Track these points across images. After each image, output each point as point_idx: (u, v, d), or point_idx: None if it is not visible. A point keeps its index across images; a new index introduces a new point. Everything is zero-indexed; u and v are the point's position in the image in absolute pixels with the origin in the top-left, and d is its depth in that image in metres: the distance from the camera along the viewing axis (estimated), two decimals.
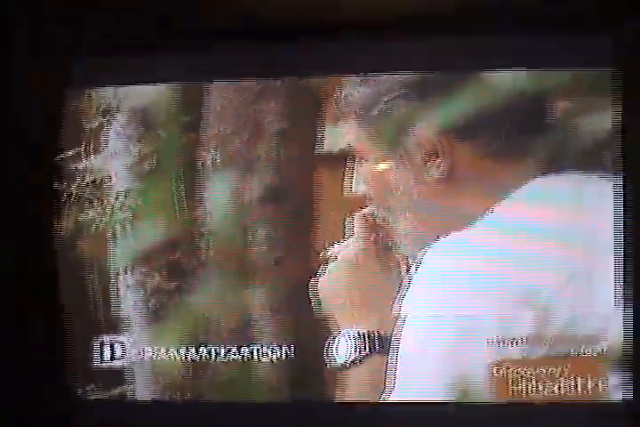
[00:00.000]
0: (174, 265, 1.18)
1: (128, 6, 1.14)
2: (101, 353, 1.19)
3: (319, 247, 1.16)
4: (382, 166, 1.14)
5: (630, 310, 1.07)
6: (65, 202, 1.19)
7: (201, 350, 1.17)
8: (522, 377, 1.10)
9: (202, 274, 1.18)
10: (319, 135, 1.16)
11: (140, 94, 1.19)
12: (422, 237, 1.12)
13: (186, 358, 1.18)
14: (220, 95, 1.18)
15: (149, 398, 1.19)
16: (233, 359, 1.17)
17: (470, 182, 1.12)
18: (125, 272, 1.19)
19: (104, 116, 1.19)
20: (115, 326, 1.19)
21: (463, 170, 1.12)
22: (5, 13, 1.17)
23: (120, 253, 1.19)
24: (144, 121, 1.19)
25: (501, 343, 1.09)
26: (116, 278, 1.19)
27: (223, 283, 1.17)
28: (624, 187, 1.08)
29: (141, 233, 1.18)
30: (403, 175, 1.13)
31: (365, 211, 1.15)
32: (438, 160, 1.11)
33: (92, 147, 1.19)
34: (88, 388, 1.19)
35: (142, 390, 1.19)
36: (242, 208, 1.17)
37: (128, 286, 1.19)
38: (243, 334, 1.17)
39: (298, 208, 1.17)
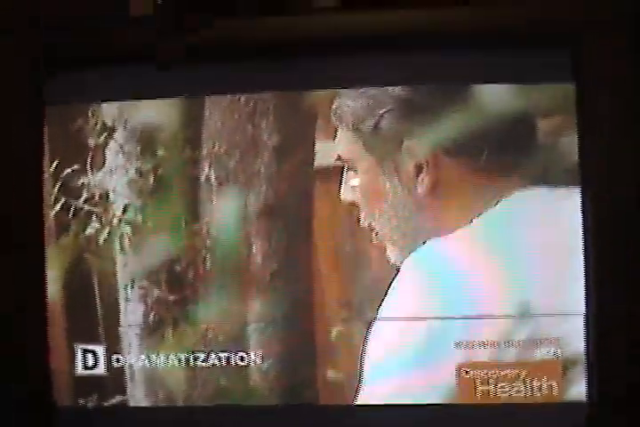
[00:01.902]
0: (175, 279, 1.21)
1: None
2: (96, 361, 1.23)
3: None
4: (371, 176, 1.18)
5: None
6: (69, 217, 1.22)
7: (196, 356, 1.21)
8: (489, 379, 1.15)
9: (202, 287, 1.21)
10: (314, 150, 1.20)
11: (139, 110, 1.21)
12: (408, 247, 1.17)
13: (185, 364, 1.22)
14: (216, 111, 1.20)
15: (146, 406, 1.22)
16: (226, 366, 1.21)
17: (456, 196, 1.17)
18: (127, 287, 1.22)
19: (103, 133, 1.22)
20: (113, 336, 1.22)
21: (450, 184, 1.16)
22: None
23: (121, 269, 1.22)
24: (142, 137, 1.21)
25: (469, 347, 1.14)
26: (118, 292, 1.22)
27: (222, 295, 1.21)
28: (583, 202, 1.12)
29: (143, 248, 1.22)
30: (391, 186, 1.17)
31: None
32: (424, 174, 1.16)
33: (92, 163, 1.22)
34: (84, 397, 1.23)
35: (139, 398, 1.22)
36: (241, 223, 1.20)
37: (128, 299, 1.22)
38: (237, 342, 1.21)
39: (294, 222, 1.20)
